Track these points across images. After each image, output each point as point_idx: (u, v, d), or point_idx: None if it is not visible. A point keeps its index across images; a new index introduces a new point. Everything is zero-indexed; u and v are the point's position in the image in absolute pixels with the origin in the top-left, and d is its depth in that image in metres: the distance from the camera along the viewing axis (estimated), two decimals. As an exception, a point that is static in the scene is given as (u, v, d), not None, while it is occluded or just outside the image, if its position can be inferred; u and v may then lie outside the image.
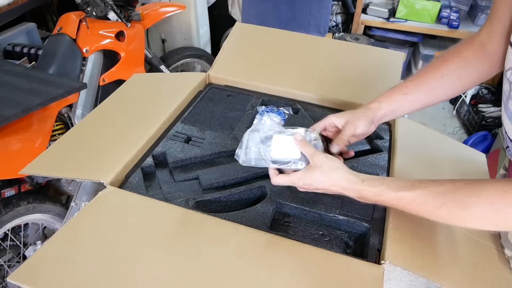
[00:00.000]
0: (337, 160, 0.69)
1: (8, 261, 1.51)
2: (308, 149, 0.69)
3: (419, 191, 0.58)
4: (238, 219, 0.72)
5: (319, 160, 0.67)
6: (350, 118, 0.76)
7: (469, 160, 0.95)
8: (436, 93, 0.77)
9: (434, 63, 0.77)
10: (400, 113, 0.79)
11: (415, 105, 0.78)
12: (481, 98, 2.62)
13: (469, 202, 0.54)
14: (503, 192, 0.52)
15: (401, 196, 0.60)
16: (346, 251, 0.72)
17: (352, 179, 0.65)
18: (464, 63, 0.75)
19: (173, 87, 1.11)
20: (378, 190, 0.62)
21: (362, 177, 0.65)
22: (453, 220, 0.57)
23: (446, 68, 0.75)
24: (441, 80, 0.75)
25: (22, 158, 1.29)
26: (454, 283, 0.62)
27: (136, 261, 0.62)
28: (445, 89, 0.76)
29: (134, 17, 1.83)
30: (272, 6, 2.19)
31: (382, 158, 0.91)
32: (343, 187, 0.65)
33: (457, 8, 2.64)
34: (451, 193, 0.56)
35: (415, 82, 0.77)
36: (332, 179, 0.66)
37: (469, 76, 0.75)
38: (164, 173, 0.85)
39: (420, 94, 0.77)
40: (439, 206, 0.57)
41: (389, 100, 0.77)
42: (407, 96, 0.77)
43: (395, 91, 0.78)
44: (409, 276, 0.66)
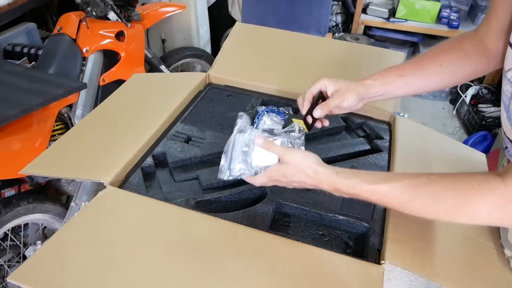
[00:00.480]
0: (309, 153, 0.66)
1: (8, 261, 1.51)
2: (276, 149, 0.67)
3: (393, 183, 0.58)
4: (238, 219, 0.72)
5: (291, 156, 0.65)
6: (342, 88, 0.75)
7: (469, 160, 0.95)
8: (432, 80, 0.76)
9: (433, 50, 0.77)
10: (392, 94, 0.78)
11: (409, 88, 0.77)
12: (481, 98, 2.62)
13: (444, 195, 0.54)
14: (478, 185, 0.52)
15: (375, 189, 0.59)
16: (346, 251, 0.72)
17: (326, 172, 0.63)
18: (463, 54, 0.75)
19: (173, 87, 1.11)
20: (353, 183, 0.61)
21: (336, 169, 0.64)
22: (427, 213, 0.57)
23: (445, 57, 0.75)
24: (438, 68, 0.75)
25: (22, 158, 1.29)
26: (454, 283, 0.62)
27: (136, 261, 0.62)
28: (441, 77, 0.76)
29: (134, 17, 1.83)
30: (272, 6, 2.19)
31: (382, 158, 0.91)
32: (316, 180, 0.64)
33: (457, 8, 2.63)
34: (425, 186, 0.56)
35: (413, 66, 0.77)
36: (306, 173, 0.64)
37: (466, 68, 0.75)
38: (164, 173, 0.85)
39: (415, 78, 0.76)
40: (414, 199, 0.56)
41: (384, 79, 0.77)
42: (403, 79, 0.76)
43: (391, 71, 0.77)
44: (409, 276, 0.66)
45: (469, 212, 0.53)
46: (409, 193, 0.57)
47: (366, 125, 1.03)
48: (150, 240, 0.66)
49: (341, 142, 0.96)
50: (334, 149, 0.92)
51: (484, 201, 0.52)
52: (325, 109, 0.75)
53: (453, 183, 0.55)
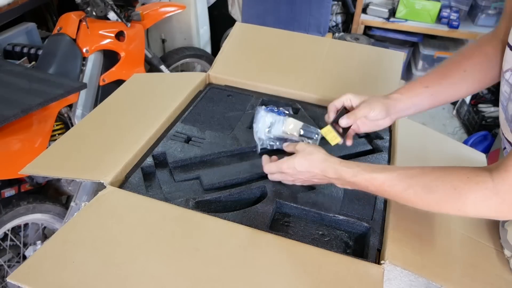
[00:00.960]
0: (317, 146, 0.74)
1: (8, 261, 1.51)
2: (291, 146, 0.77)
3: (389, 173, 0.61)
4: (238, 219, 0.72)
5: (300, 146, 0.74)
6: (368, 99, 0.76)
7: (469, 160, 0.95)
8: (459, 88, 0.75)
9: (454, 58, 0.76)
10: (420, 107, 0.77)
11: (437, 99, 0.76)
12: (481, 98, 2.62)
13: (434, 186, 0.56)
14: (466, 178, 0.54)
15: (373, 177, 0.63)
16: (346, 251, 0.72)
17: (331, 160, 0.69)
18: (485, 58, 0.74)
19: (173, 87, 1.11)
20: (354, 171, 0.65)
21: (339, 159, 0.69)
22: (419, 203, 0.59)
23: (469, 62, 0.74)
24: (463, 74, 0.74)
25: (22, 158, 1.29)
26: (454, 283, 0.62)
27: (136, 261, 0.62)
28: (467, 84, 0.75)
29: (134, 17, 1.83)
30: (272, 6, 2.19)
31: (382, 158, 0.91)
32: (322, 168, 0.69)
33: (457, 8, 2.64)
34: (418, 177, 0.59)
35: (437, 75, 0.76)
36: (312, 160, 0.70)
37: (491, 71, 0.74)
38: (164, 173, 0.85)
39: (442, 88, 0.75)
40: (407, 188, 0.59)
41: (410, 92, 0.76)
42: (429, 89, 0.75)
43: (415, 83, 0.76)
44: (409, 276, 0.66)
45: (457, 204, 0.55)
46: (403, 183, 0.60)
47: (366, 125, 1.03)
48: (150, 240, 0.66)
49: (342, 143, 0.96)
50: (335, 150, 0.92)
51: (471, 194, 0.54)
52: (352, 118, 0.76)
53: (443, 174, 0.57)
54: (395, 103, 0.76)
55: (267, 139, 0.87)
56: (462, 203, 0.55)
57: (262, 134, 0.86)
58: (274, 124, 0.86)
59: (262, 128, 0.87)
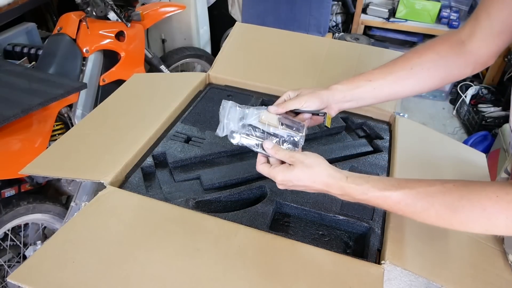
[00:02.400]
0: (318, 156, 0.64)
1: (8, 261, 1.51)
2: (283, 154, 0.65)
3: (407, 191, 0.56)
4: (238, 219, 0.72)
5: (298, 157, 0.63)
6: (303, 92, 0.72)
7: (469, 160, 0.95)
8: (403, 85, 0.73)
9: (406, 54, 0.74)
10: (363, 101, 0.74)
11: (379, 93, 0.73)
12: (481, 98, 2.62)
13: (460, 206, 0.53)
14: (496, 197, 0.51)
15: (387, 196, 0.57)
16: (346, 251, 0.72)
17: (336, 175, 0.61)
18: (436, 57, 0.71)
19: (173, 87, 1.11)
20: (363, 188, 0.59)
21: (346, 173, 0.62)
22: (441, 223, 0.55)
23: (417, 59, 0.72)
24: (409, 71, 0.72)
25: (22, 158, 1.29)
26: (454, 283, 0.62)
27: (136, 261, 0.62)
28: (413, 82, 0.72)
29: (134, 17, 1.83)
30: (272, 6, 2.19)
31: (382, 158, 0.91)
32: (325, 183, 0.62)
33: (457, 8, 2.64)
34: (440, 195, 0.54)
35: (382, 70, 0.74)
36: (313, 175, 0.62)
37: (440, 71, 0.72)
38: (164, 173, 0.85)
39: (385, 82, 0.73)
40: (428, 208, 0.55)
41: (351, 84, 0.73)
42: (371, 83, 0.72)
43: (359, 76, 0.74)
44: (409, 276, 0.66)
45: (486, 224, 0.52)
46: (423, 202, 0.55)
47: (366, 125, 1.03)
48: (150, 240, 0.66)
49: (342, 143, 0.96)
50: (336, 150, 0.92)
51: (502, 214, 0.50)
52: (281, 107, 0.70)
53: (469, 193, 0.53)
54: (333, 93, 0.72)
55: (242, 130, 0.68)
56: (492, 224, 0.51)
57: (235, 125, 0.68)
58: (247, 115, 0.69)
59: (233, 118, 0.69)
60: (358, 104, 0.75)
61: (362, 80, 0.73)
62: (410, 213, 0.57)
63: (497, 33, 0.66)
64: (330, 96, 0.72)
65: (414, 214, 0.57)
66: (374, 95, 0.74)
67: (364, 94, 0.73)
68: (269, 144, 0.66)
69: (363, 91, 0.73)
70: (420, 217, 0.57)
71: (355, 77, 0.74)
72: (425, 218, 0.56)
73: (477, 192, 0.52)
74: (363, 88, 0.73)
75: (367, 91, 0.73)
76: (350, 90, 0.73)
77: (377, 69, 0.74)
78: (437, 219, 0.55)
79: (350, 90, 0.73)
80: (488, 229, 0.53)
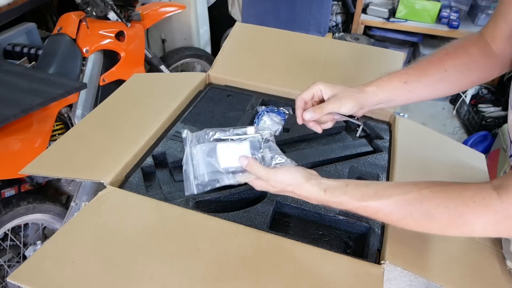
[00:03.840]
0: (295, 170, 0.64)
1: (8, 261, 1.51)
2: (259, 171, 0.65)
3: (383, 200, 0.57)
4: (238, 219, 0.72)
5: (275, 177, 0.64)
6: (340, 93, 0.71)
7: (468, 161, 0.95)
8: (437, 87, 0.72)
9: (438, 55, 0.73)
10: (395, 102, 0.74)
11: (413, 96, 0.73)
12: (481, 98, 2.62)
13: (437, 213, 0.53)
14: (473, 203, 0.51)
15: (366, 205, 0.58)
16: (346, 251, 0.72)
17: (313, 191, 0.62)
18: (469, 59, 0.71)
19: (173, 87, 1.11)
20: (341, 200, 0.60)
21: (324, 186, 0.62)
22: (420, 229, 0.56)
23: (450, 61, 0.71)
24: (444, 74, 0.71)
25: (22, 158, 1.29)
26: (454, 283, 0.62)
27: (136, 261, 0.62)
28: (446, 84, 0.72)
29: (134, 17, 1.83)
30: (272, 6, 2.19)
31: (382, 158, 0.91)
32: (305, 198, 0.64)
33: (457, 8, 2.64)
34: (417, 203, 0.54)
35: (417, 72, 0.72)
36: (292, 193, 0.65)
37: (472, 73, 0.72)
38: (164, 173, 0.85)
39: (420, 85, 0.72)
40: (406, 217, 0.56)
41: (386, 87, 0.72)
42: (406, 85, 0.72)
43: (394, 77, 0.73)
44: (409, 276, 0.66)
45: (464, 229, 0.53)
46: (401, 210, 0.56)
47: (366, 125, 1.03)
48: (150, 240, 0.66)
49: (342, 143, 0.96)
50: (336, 150, 0.92)
51: (479, 219, 0.51)
52: (318, 112, 0.70)
53: (445, 199, 0.53)
54: (370, 97, 0.71)
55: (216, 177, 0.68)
56: (470, 228, 0.52)
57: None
58: (213, 155, 0.68)
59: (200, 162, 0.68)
60: (390, 105, 0.75)
61: (397, 82, 0.72)
62: (390, 221, 0.59)
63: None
64: (366, 100, 0.71)
65: (393, 222, 0.58)
66: (408, 97, 0.73)
67: (399, 97, 0.73)
68: (243, 161, 0.66)
69: (398, 93, 0.72)
70: (400, 225, 0.58)
71: (389, 78, 0.73)
72: (405, 225, 0.57)
73: (454, 199, 0.52)
74: (398, 91, 0.72)
75: (402, 93, 0.72)
76: (386, 93, 0.72)
77: (411, 69, 0.73)
78: (416, 226, 0.56)
79: (386, 93, 0.72)
80: (466, 233, 0.54)
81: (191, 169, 0.69)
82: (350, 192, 0.60)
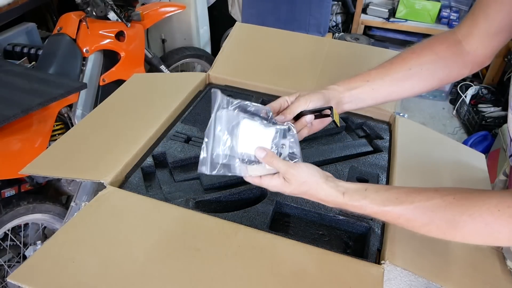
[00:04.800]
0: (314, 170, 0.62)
1: (8, 261, 1.51)
2: (278, 164, 0.62)
3: (405, 206, 0.55)
4: (238, 219, 0.72)
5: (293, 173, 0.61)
6: (302, 93, 0.70)
7: (468, 161, 0.95)
8: (401, 85, 0.72)
9: (403, 54, 0.73)
10: (361, 102, 0.73)
11: (378, 94, 0.72)
12: (481, 98, 2.62)
13: (461, 221, 0.52)
14: (497, 211, 0.50)
15: (387, 211, 0.57)
16: (346, 251, 0.72)
17: (331, 193, 0.60)
18: (435, 57, 0.70)
19: (173, 87, 1.11)
20: (361, 204, 0.58)
21: (342, 189, 0.60)
22: (441, 236, 0.55)
23: (415, 60, 0.70)
24: (408, 72, 0.71)
25: (22, 158, 1.29)
26: (454, 283, 0.62)
27: (136, 261, 0.62)
28: (411, 82, 0.72)
29: (134, 17, 1.83)
30: (272, 6, 2.19)
31: (382, 158, 0.91)
32: (321, 200, 0.62)
33: (457, 8, 2.64)
34: (441, 210, 0.53)
35: (380, 71, 0.72)
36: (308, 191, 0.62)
37: (438, 72, 0.71)
38: (164, 173, 0.85)
39: (383, 83, 0.71)
40: (428, 223, 0.55)
41: (348, 84, 0.72)
42: (369, 83, 0.71)
43: (357, 76, 0.73)
44: (409, 276, 0.66)
45: (489, 238, 0.52)
46: (424, 217, 0.54)
47: (366, 125, 1.03)
48: (150, 240, 0.66)
49: (342, 143, 0.96)
50: (336, 150, 0.92)
51: (505, 228, 0.50)
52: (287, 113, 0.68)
53: (469, 207, 0.52)
54: (332, 93, 0.71)
55: None
56: (494, 237, 0.51)
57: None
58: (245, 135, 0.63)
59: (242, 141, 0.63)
60: (357, 106, 0.74)
61: (359, 81, 0.72)
62: (411, 227, 0.57)
63: (494, 34, 0.66)
64: (330, 94, 0.71)
65: (415, 228, 0.57)
66: (373, 96, 0.72)
67: (362, 95, 0.72)
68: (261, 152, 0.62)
69: (361, 91, 0.72)
70: (421, 231, 0.56)
71: (352, 78, 0.73)
72: (426, 232, 0.56)
73: (478, 206, 0.51)
74: (361, 89, 0.72)
75: (365, 92, 0.72)
76: (348, 91, 0.72)
77: (374, 70, 0.73)
78: (439, 233, 0.55)
79: (348, 91, 0.72)
80: (490, 242, 0.54)
81: (211, 140, 0.63)
82: (370, 196, 0.58)
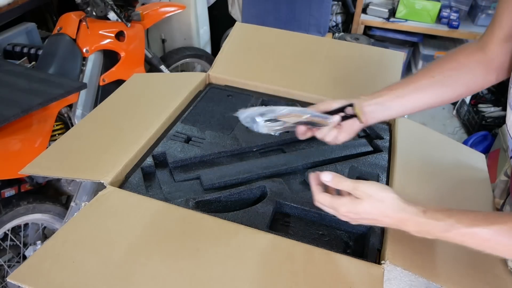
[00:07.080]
0: (385, 187, 0.59)
1: (8, 261, 1.51)
2: (347, 184, 0.60)
3: (498, 227, 0.51)
4: (238, 219, 0.72)
5: (366, 189, 0.58)
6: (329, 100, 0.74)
7: (468, 161, 0.95)
8: (426, 92, 0.73)
9: (427, 65, 0.76)
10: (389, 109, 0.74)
11: (404, 101, 0.73)
12: (481, 98, 2.62)
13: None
14: None
15: (475, 232, 0.53)
16: (346, 251, 0.72)
17: (410, 210, 0.56)
18: (456, 65, 0.73)
19: (173, 87, 1.11)
20: (446, 224, 0.54)
21: (421, 207, 0.56)
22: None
23: (438, 68, 0.73)
24: (431, 79, 0.72)
25: (22, 158, 1.29)
26: (454, 283, 0.62)
27: (136, 261, 0.62)
28: (436, 90, 0.73)
29: (134, 17, 1.83)
30: (272, 6, 2.19)
31: (382, 158, 0.91)
32: (399, 219, 0.57)
33: (457, 8, 2.63)
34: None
35: (404, 81, 0.75)
36: (386, 210, 0.57)
37: (462, 79, 0.73)
38: (164, 173, 0.85)
39: (408, 91, 0.73)
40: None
41: (373, 95, 0.74)
42: (393, 91, 0.73)
43: (382, 89, 0.75)
44: (409, 276, 0.66)
45: None
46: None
47: (366, 125, 1.03)
48: (150, 240, 0.66)
49: (342, 143, 0.95)
50: (336, 150, 0.92)
51: None
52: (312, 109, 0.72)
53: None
54: (359, 101, 0.73)
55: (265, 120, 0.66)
56: None
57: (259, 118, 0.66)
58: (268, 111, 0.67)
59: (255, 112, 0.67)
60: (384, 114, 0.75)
61: (384, 90, 0.74)
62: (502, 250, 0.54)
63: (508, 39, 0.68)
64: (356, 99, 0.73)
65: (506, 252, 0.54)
66: (400, 103, 0.74)
67: (388, 103, 0.74)
68: (327, 176, 0.61)
69: (386, 99, 0.73)
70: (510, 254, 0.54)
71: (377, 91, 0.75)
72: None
73: None
74: (386, 96, 0.74)
75: (391, 99, 0.73)
76: (374, 99, 0.74)
77: (399, 81, 0.76)
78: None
79: (374, 99, 0.74)
80: None
81: None
82: (456, 215, 0.54)
